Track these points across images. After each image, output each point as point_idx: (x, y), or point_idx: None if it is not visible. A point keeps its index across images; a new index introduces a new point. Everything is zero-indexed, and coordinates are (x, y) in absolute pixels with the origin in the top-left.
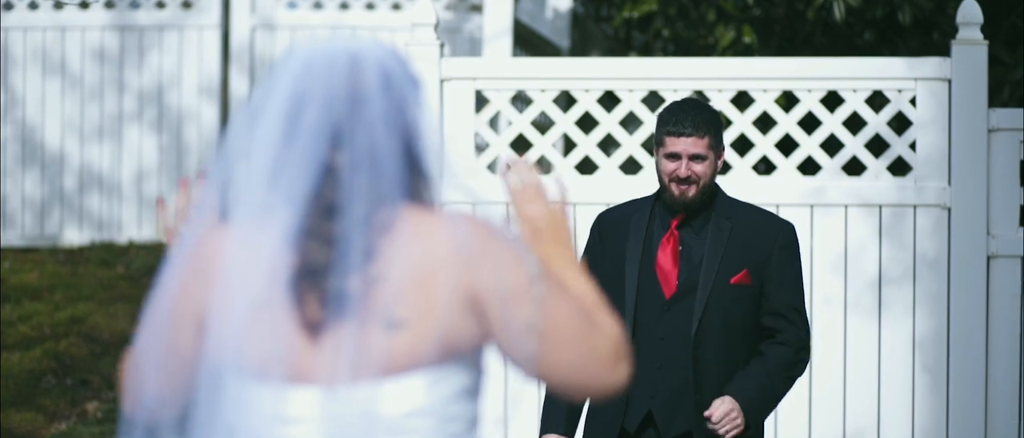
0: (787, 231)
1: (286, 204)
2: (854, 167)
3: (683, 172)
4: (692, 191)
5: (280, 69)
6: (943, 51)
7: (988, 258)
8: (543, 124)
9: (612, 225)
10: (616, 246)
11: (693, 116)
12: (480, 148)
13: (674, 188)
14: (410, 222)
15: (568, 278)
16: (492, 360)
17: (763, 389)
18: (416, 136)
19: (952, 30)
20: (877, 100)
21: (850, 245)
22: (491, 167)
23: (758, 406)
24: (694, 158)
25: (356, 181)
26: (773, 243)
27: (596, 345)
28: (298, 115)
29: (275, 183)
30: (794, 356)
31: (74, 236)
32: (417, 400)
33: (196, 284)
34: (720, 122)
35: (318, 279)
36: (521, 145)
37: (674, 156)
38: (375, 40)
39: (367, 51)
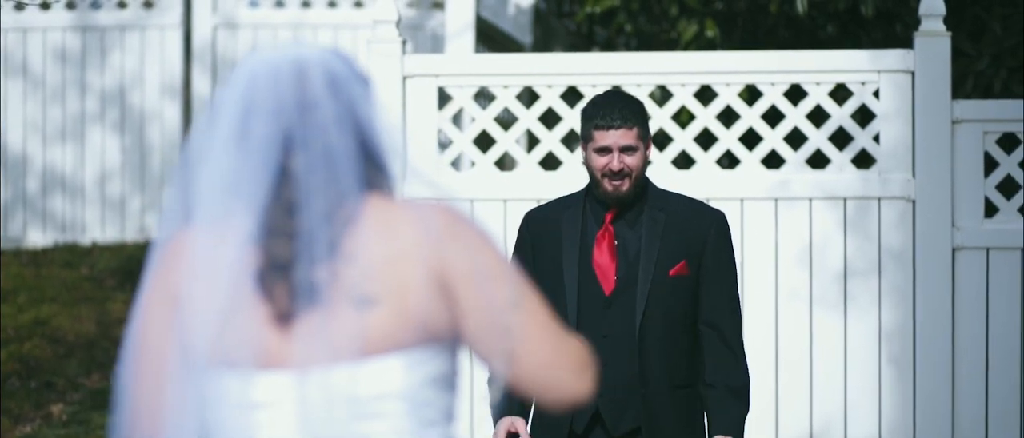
0: (720, 220)
1: (245, 208)
2: (818, 160)
3: (615, 165)
4: (625, 185)
5: (228, 83)
6: (906, 43)
7: (953, 250)
8: (506, 120)
9: (542, 224)
10: (549, 245)
11: (620, 108)
12: (443, 145)
13: (607, 183)
14: (374, 211)
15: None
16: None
17: (739, 416)
18: (370, 132)
19: (915, 22)
20: (840, 93)
21: (815, 238)
22: (455, 164)
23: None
24: (625, 150)
25: (314, 181)
26: (707, 232)
27: (568, 350)
28: (249, 126)
29: (232, 190)
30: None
31: (37, 238)
32: (393, 382)
33: (167, 290)
34: (646, 112)
35: (285, 273)
36: (484, 141)
37: (605, 150)
38: (318, 45)
39: (311, 57)
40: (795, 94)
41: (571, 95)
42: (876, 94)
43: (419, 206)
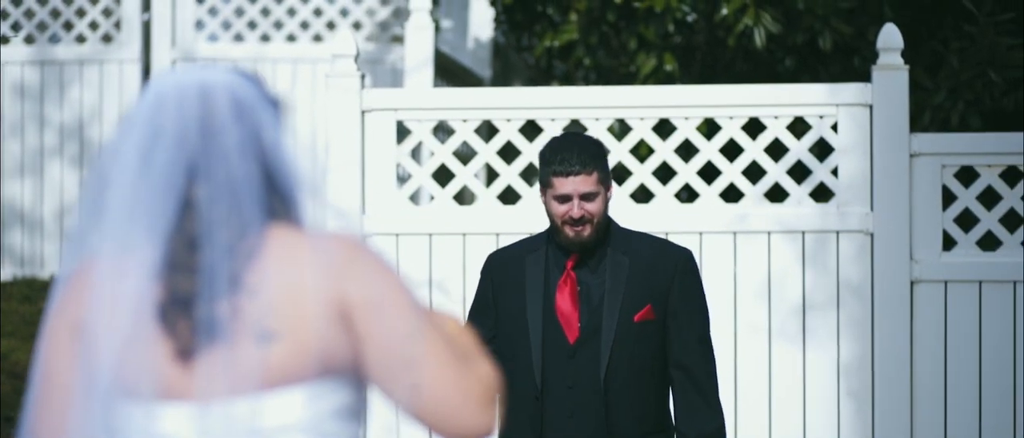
0: (685, 259)
1: (147, 239)
2: (777, 194)
3: (576, 213)
4: (587, 231)
5: (137, 104)
6: (864, 77)
7: (911, 283)
8: (465, 154)
9: (505, 267)
10: (512, 290)
11: (578, 152)
12: (402, 179)
13: (568, 230)
14: (277, 242)
15: (446, 322)
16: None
17: None
18: (276, 159)
19: (872, 55)
20: (799, 126)
21: (773, 272)
22: (413, 198)
23: None
24: (585, 197)
25: (216, 213)
26: (673, 273)
27: (469, 383)
28: (153, 151)
29: (135, 219)
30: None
31: None
32: (294, 415)
33: (71, 320)
34: (605, 152)
35: (186, 308)
36: (443, 175)
37: (564, 198)
38: (228, 68)
39: (217, 80)
40: (753, 127)
41: (530, 129)
42: (834, 127)
43: (321, 237)
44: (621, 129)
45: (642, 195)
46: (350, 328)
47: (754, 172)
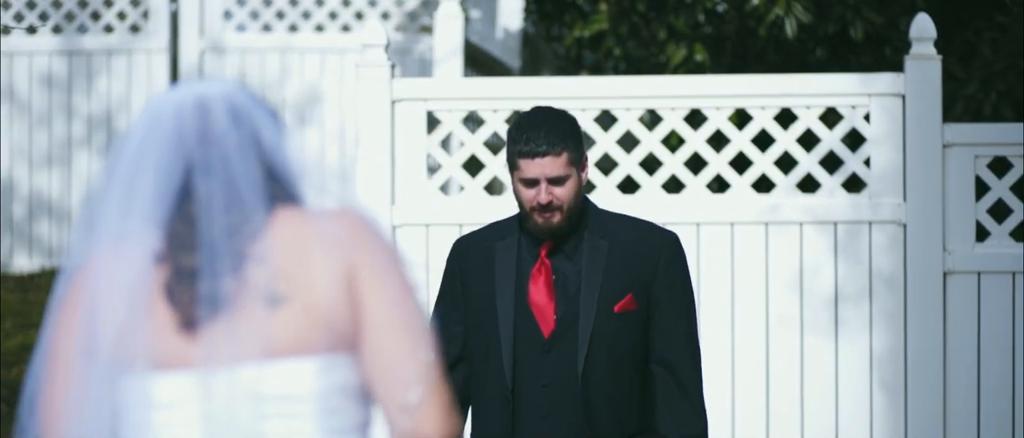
0: (671, 243)
1: (147, 226)
2: (809, 184)
3: (543, 198)
4: (557, 218)
5: (135, 121)
6: (895, 66)
7: (944, 274)
8: (496, 144)
9: (472, 254)
10: (481, 279)
11: (546, 130)
12: (432, 169)
13: (537, 217)
14: (283, 219)
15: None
16: None
17: None
18: (276, 157)
19: (904, 45)
20: (831, 117)
21: (805, 263)
22: (444, 188)
23: None
24: (554, 181)
25: (216, 202)
26: (657, 258)
27: (440, 391)
28: (151, 152)
29: (133, 210)
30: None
31: (24, 263)
32: (302, 385)
33: (76, 303)
34: (578, 129)
35: (190, 281)
36: (474, 166)
37: (531, 182)
38: (222, 80)
39: (214, 91)
40: (785, 118)
41: None
42: (867, 118)
43: (328, 212)
44: (652, 119)
45: (673, 185)
46: (354, 294)
47: (786, 162)
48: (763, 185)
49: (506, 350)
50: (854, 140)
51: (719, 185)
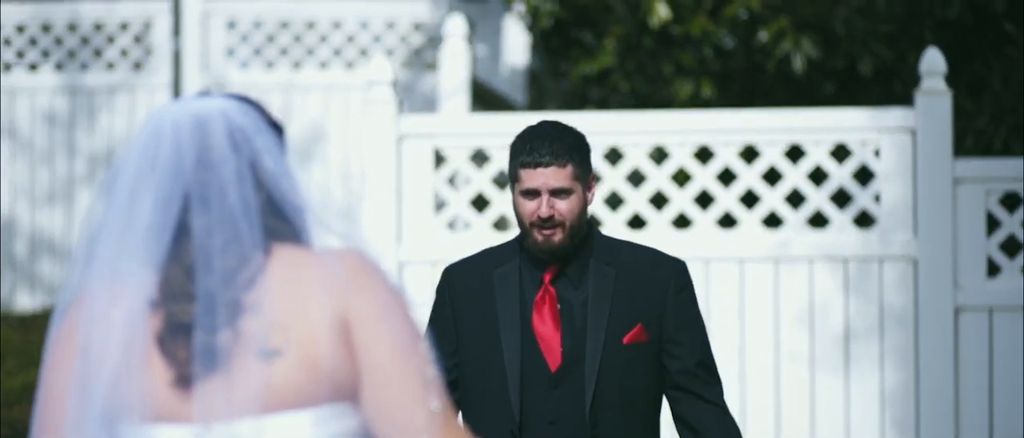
0: (680, 271)
1: (143, 266)
2: (819, 220)
3: (544, 211)
4: (557, 235)
5: (134, 137)
6: (904, 101)
7: (956, 310)
8: (502, 181)
9: (468, 283)
10: (478, 311)
11: (551, 141)
12: (439, 206)
13: (537, 233)
14: (280, 261)
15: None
16: None
17: None
18: (276, 185)
19: (913, 79)
20: (840, 152)
21: (816, 299)
22: (451, 225)
23: None
24: (557, 193)
25: (213, 244)
26: (666, 287)
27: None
28: (148, 182)
29: (129, 248)
30: (729, 422)
31: (26, 302)
32: (300, 437)
33: (70, 347)
34: (586, 145)
35: (185, 336)
36: (480, 203)
37: (532, 193)
38: (225, 96)
39: (214, 110)
40: (794, 154)
41: None
42: (877, 153)
43: (326, 254)
44: (659, 155)
45: (681, 222)
46: (349, 344)
47: (795, 198)
48: (772, 221)
49: (513, 385)
50: (864, 176)
51: (728, 221)
